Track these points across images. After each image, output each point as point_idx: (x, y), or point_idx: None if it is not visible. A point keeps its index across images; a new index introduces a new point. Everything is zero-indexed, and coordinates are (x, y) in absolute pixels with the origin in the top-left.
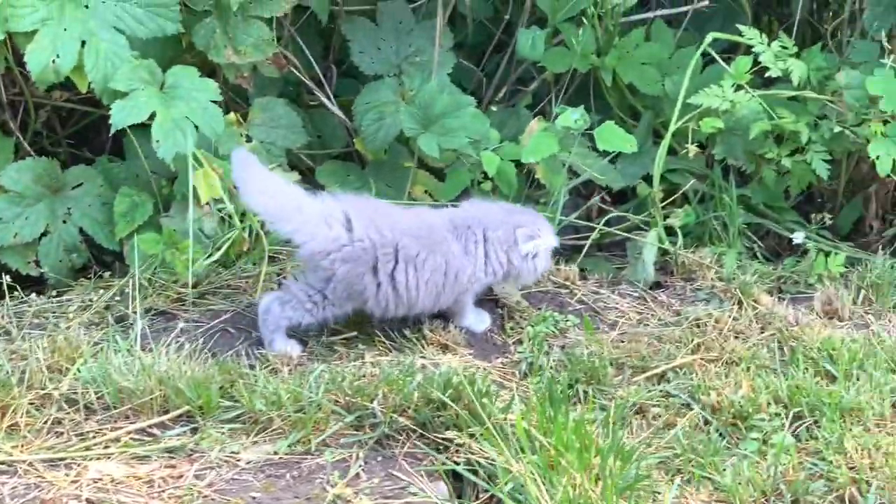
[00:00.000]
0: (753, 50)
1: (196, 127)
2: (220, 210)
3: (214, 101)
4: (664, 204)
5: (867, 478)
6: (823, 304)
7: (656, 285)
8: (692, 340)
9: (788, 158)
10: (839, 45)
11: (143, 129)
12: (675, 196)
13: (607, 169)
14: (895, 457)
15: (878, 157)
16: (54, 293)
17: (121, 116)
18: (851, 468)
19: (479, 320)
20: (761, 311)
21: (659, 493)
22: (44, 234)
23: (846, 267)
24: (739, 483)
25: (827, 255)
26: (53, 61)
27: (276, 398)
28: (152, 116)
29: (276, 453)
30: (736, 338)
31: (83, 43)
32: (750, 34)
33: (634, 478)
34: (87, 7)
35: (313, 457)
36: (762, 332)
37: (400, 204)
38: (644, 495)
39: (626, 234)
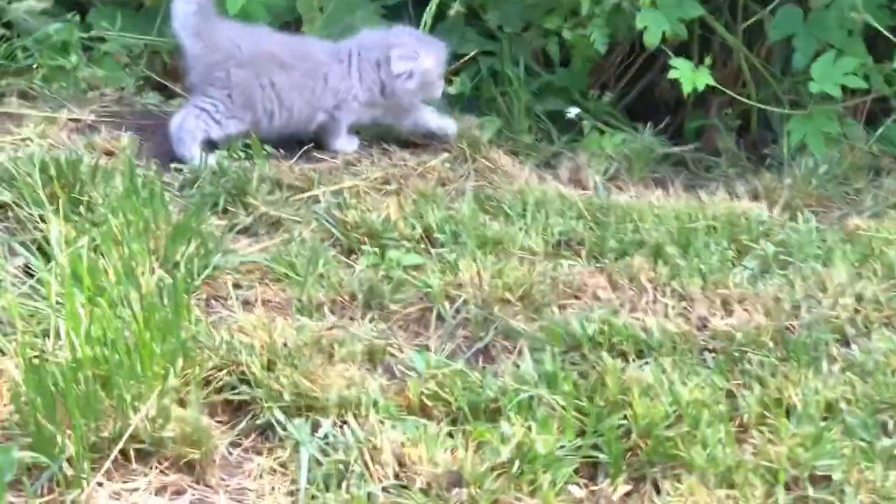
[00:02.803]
0: None
1: None
2: None
3: None
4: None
5: (460, 292)
6: (571, 172)
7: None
8: (379, 177)
9: (570, 31)
10: None
11: None
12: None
13: None
14: (502, 276)
15: (645, 28)
16: None
17: None
18: (459, 285)
19: (349, 142)
20: (484, 165)
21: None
22: None
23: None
24: (317, 286)
25: (602, 133)
26: None
27: None
28: None
29: None
30: (442, 184)
31: None
32: None
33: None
34: None
35: None
36: (469, 181)
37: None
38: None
39: None
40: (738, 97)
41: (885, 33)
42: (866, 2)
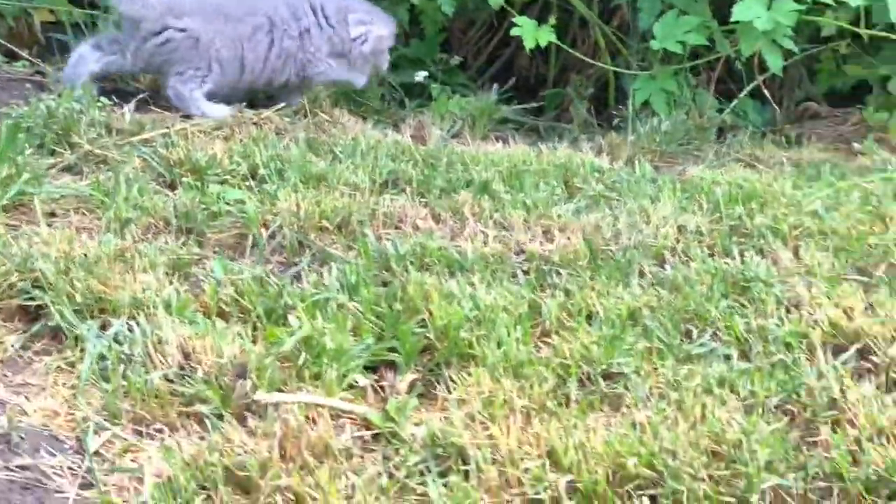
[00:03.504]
0: None
1: None
2: None
3: None
4: None
5: (277, 219)
6: (414, 129)
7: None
8: (213, 124)
9: None
10: None
11: None
12: None
13: None
14: (321, 205)
15: None
16: None
17: None
18: (275, 214)
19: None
20: (324, 120)
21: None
22: None
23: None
24: (129, 209)
25: (450, 97)
26: None
27: None
28: None
29: None
30: (277, 133)
31: None
32: None
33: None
34: None
35: None
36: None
37: None
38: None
39: None
40: (591, 60)
41: None
42: None
